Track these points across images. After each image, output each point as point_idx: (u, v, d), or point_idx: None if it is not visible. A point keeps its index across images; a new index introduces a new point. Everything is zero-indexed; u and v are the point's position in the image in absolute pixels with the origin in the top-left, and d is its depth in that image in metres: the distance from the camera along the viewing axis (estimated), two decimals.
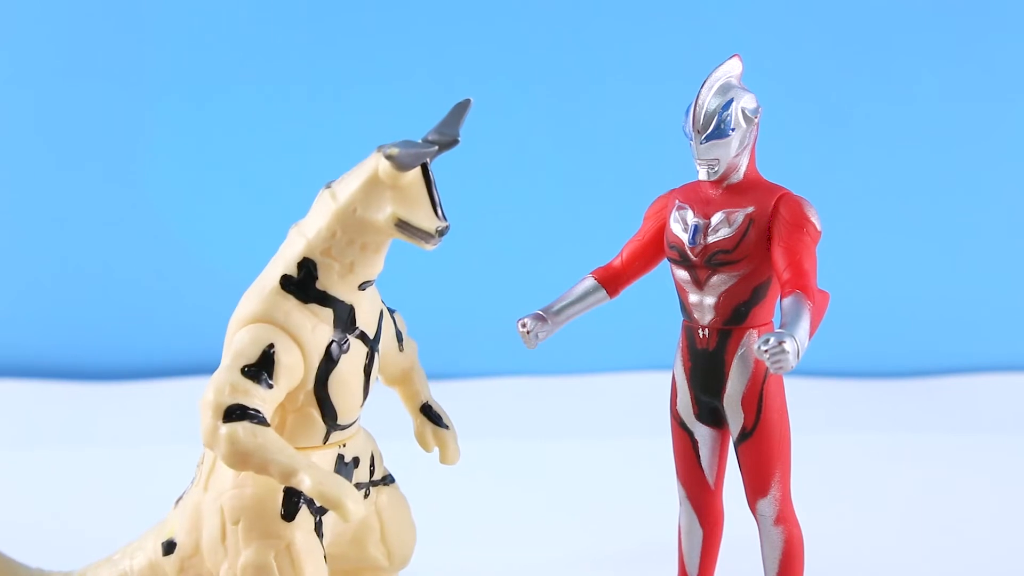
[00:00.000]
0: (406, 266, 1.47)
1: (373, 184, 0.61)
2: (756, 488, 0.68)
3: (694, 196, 0.68)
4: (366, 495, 0.69)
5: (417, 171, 0.61)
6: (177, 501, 0.69)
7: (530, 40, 1.47)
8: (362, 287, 0.65)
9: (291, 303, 0.62)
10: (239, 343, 0.62)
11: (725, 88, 0.66)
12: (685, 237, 0.67)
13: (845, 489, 1.05)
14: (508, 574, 0.87)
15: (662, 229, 0.70)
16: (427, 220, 0.61)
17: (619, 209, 1.40)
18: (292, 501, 0.63)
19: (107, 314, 1.52)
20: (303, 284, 0.63)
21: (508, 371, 1.49)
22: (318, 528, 0.64)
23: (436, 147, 0.61)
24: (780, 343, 0.57)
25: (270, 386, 0.61)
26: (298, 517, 0.63)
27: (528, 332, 0.70)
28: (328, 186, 0.64)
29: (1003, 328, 1.49)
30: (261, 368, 0.61)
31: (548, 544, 0.94)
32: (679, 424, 0.71)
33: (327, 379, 0.64)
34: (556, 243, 1.45)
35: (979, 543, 0.92)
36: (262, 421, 0.60)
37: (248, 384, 0.60)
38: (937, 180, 1.48)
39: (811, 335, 0.61)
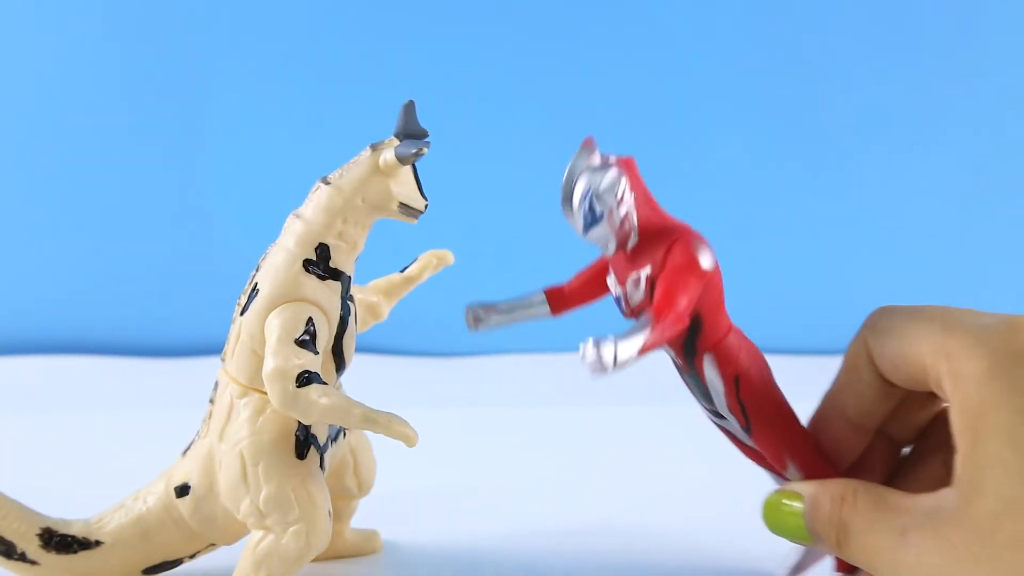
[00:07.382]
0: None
1: (374, 175, 0.72)
2: (778, 465, 0.72)
3: (614, 260, 0.71)
4: (343, 436, 0.79)
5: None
6: (185, 452, 0.77)
7: (530, 38, 1.48)
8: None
9: (314, 281, 0.72)
10: (284, 320, 0.70)
11: (582, 178, 0.67)
12: (617, 304, 0.71)
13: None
14: (521, 537, 0.90)
15: (606, 269, 0.73)
16: (419, 201, 0.74)
17: None
18: (303, 443, 0.73)
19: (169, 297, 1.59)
20: (321, 264, 0.72)
21: (517, 349, 1.56)
22: (322, 463, 0.75)
23: (426, 145, 0.71)
24: (596, 346, 0.60)
25: (316, 352, 0.70)
26: (308, 456, 0.73)
27: (474, 317, 0.76)
28: (325, 181, 0.73)
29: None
30: (308, 338, 0.70)
31: (562, 511, 0.96)
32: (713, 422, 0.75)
33: (343, 338, 0.74)
34: (555, 233, 1.47)
35: None
36: (323, 382, 0.69)
37: (303, 353, 0.69)
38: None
39: (649, 348, 0.63)
